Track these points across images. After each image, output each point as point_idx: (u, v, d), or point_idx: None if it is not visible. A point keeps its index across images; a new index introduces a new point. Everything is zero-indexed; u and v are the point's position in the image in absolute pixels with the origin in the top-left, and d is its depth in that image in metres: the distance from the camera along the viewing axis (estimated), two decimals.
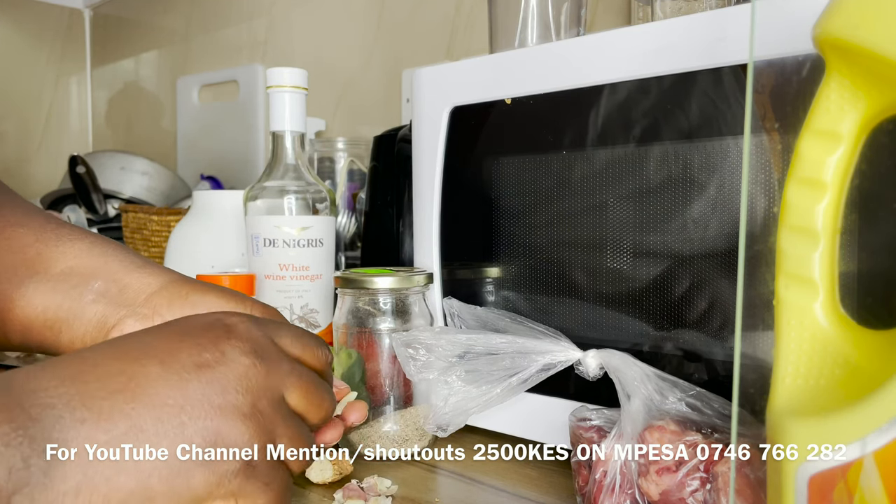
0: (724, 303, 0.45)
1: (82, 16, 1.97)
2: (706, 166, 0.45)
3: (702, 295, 0.46)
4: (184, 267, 0.77)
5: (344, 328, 0.58)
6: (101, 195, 1.20)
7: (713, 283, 0.45)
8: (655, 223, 0.48)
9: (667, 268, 0.48)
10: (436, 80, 0.60)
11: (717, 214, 0.45)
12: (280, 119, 0.68)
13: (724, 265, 0.45)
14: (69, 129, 1.96)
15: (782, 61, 0.32)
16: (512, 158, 0.56)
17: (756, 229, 0.32)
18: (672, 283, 0.47)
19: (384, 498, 0.48)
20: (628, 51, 0.48)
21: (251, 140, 1.44)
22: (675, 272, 0.47)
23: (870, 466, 0.27)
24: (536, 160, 0.55)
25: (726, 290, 0.45)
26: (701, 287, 0.46)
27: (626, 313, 0.51)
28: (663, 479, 0.39)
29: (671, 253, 0.47)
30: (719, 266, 0.45)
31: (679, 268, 0.47)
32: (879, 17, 0.27)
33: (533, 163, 0.55)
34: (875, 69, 0.28)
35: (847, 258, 0.32)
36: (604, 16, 0.96)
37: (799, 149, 0.31)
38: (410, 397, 0.58)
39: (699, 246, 0.46)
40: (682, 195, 0.47)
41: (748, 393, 0.33)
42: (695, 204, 0.46)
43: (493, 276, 0.58)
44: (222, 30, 1.57)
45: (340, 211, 0.98)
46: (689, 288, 0.47)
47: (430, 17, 1.15)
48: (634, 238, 0.49)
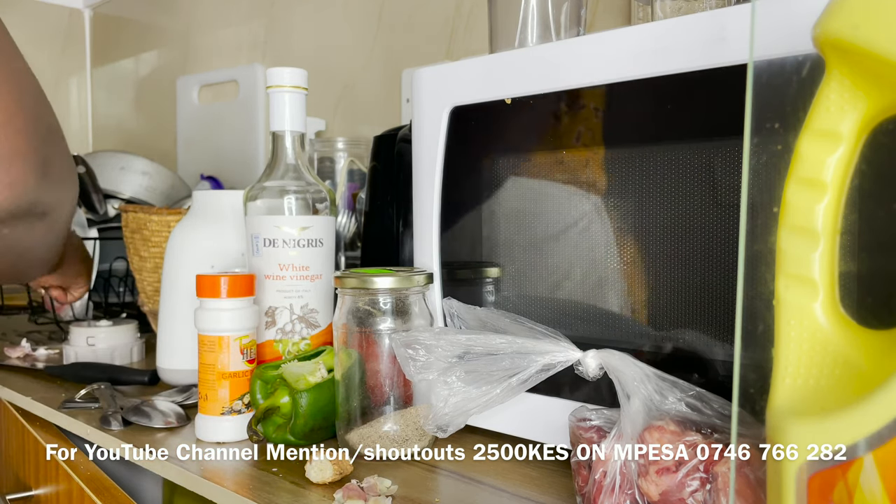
0: (724, 303, 0.45)
1: (82, 16, 1.97)
2: (706, 166, 0.45)
3: (702, 295, 0.46)
4: (184, 267, 0.77)
5: (344, 328, 0.58)
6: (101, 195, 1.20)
7: (713, 282, 0.45)
8: (655, 222, 0.48)
9: (667, 267, 0.48)
10: (436, 80, 0.60)
11: (717, 214, 0.45)
12: (280, 119, 0.68)
13: (724, 265, 0.45)
14: (69, 129, 1.96)
15: (782, 61, 0.32)
16: (512, 158, 0.56)
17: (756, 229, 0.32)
18: (672, 282, 0.47)
19: (384, 498, 0.48)
20: (628, 51, 0.48)
21: (251, 140, 1.44)
22: (675, 272, 0.47)
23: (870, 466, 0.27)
24: (536, 160, 0.55)
25: (726, 290, 0.45)
26: (701, 287, 0.46)
27: (626, 313, 0.51)
28: (663, 479, 0.39)
29: (671, 253, 0.47)
30: (719, 266, 0.45)
31: (679, 267, 0.47)
32: (879, 17, 0.27)
33: (533, 163, 0.55)
34: (875, 69, 0.28)
35: (847, 258, 0.32)
36: (604, 16, 0.96)
37: (799, 149, 0.31)
38: (410, 397, 0.58)
39: (699, 246, 0.46)
40: (682, 195, 0.47)
41: (748, 393, 0.33)
42: (695, 204, 0.46)
43: (493, 276, 0.58)
44: (222, 30, 1.57)
45: (340, 211, 0.98)
46: (689, 288, 0.47)
47: (430, 17, 1.15)
48: (634, 238, 0.49)
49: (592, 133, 0.51)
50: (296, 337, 0.67)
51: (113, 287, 1.19)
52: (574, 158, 0.52)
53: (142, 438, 0.62)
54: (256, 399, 0.59)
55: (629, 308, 0.50)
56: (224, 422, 0.61)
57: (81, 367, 0.84)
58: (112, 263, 1.20)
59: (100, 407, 0.71)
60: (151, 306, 0.94)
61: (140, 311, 1.05)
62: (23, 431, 0.79)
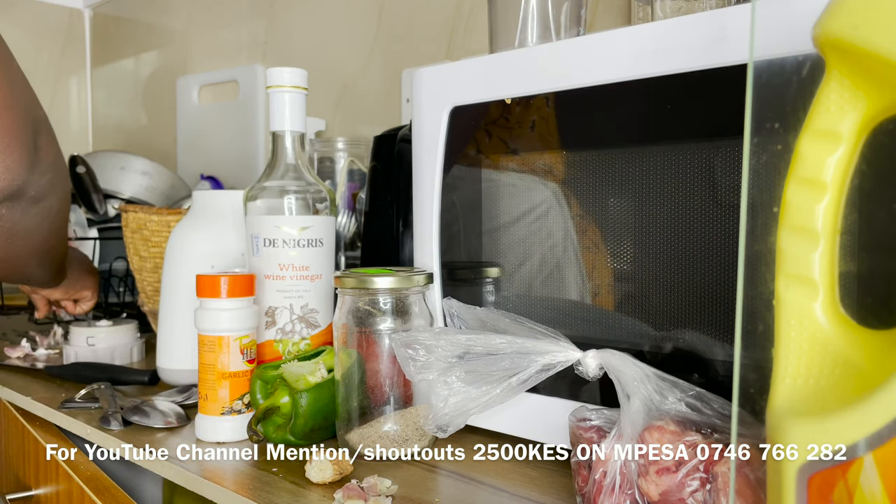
0: (724, 303, 0.45)
1: (82, 16, 1.97)
2: (706, 166, 0.45)
3: (702, 295, 0.46)
4: (184, 267, 0.77)
5: (344, 328, 0.58)
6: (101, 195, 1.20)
7: (713, 282, 0.45)
8: (655, 222, 0.48)
9: (666, 267, 0.48)
10: (436, 80, 0.60)
11: (716, 214, 0.45)
12: (280, 119, 0.68)
13: (724, 265, 0.45)
14: (69, 129, 1.96)
15: (782, 61, 0.32)
16: (512, 158, 0.56)
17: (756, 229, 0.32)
18: (672, 282, 0.47)
19: (384, 498, 0.48)
20: (628, 51, 0.48)
21: (251, 140, 1.44)
22: (674, 272, 0.47)
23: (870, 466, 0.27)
24: (536, 160, 0.55)
25: (726, 290, 0.45)
26: (701, 287, 0.46)
27: (626, 313, 0.51)
28: (663, 479, 0.39)
29: (671, 252, 0.47)
30: (719, 266, 0.45)
31: (679, 267, 0.47)
32: (879, 17, 0.27)
33: (532, 163, 0.55)
34: (875, 69, 0.28)
35: (847, 258, 0.32)
36: (604, 16, 0.96)
37: (799, 149, 0.31)
38: (410, 397, 0.58)
39: (699, 246, 0.46)
40: (681, 195, 0.47)
41: (748, 393, 0.33)
42: (694, 204, 0.46)
43: (493, 276, 0.58)
44: (222, 30, 1.57)
45: (340, 211, 0.98)
46: (689, 288, 0.47)
47: (430, 17, 1.15)
48: (634, 238, 0.49)
49: (592, 133, 0.51)
50: (296, 337, 0.67)
51: (113, 287, 1.19)
52: (574, 159, 0.52)
53: (142, 438, 0.62)
54: (256, 399, 0.59)
55: (629, 308, 0.50)
56: (224, 422, 0.61)
57: (81, 367, 0.84)
58: (112, 263, 1.20)
59: (100, 407, 0.71)
60: (151, 306, 0.94)
61: (140, 311, 1.05)
62: (23, 431, 0.79)
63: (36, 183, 0.67)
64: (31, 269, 0.81)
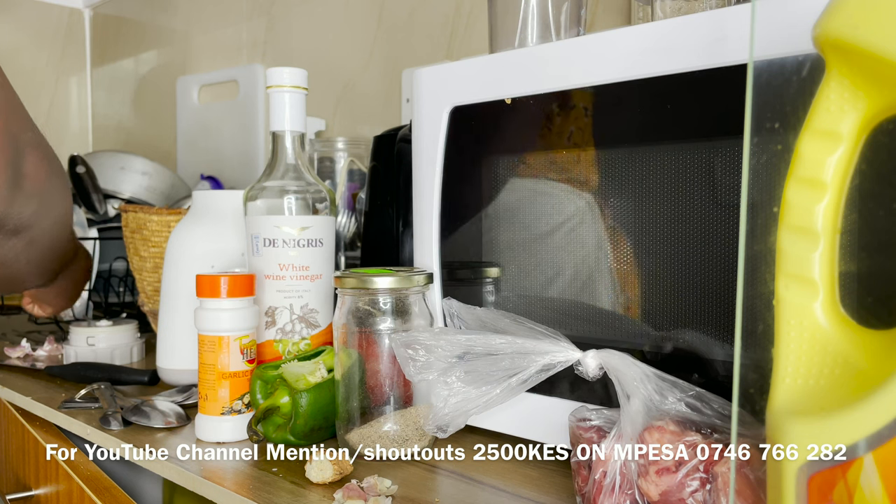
0: (724, 303, 0.45)
1: (82, 16, 1.97)
2: (706, 166, 0.45)
3: (702, 295, 0.46)
4: (184, 267, 0.77)
5: (344, 328, 0.58)
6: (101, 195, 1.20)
7: (713, 282, 0.45)
8: (655, 222, 0.48)
9: (666, 267, 0.48)
10: (436, 80, 0.60)
11: (716, 214, 0.45)
12: (280, 119, 0.68)
13: (724, 265, 0.45)
14: (69, 129, 1.96)
15: (782, 61, 0.32)
16: (512, 158, 0.56)
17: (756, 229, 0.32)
18: (672, 282, 0.47)
19: (384, 498, 0.48)
20: (628, 51, 0.48)
21: (251, 140, 1.44)
22: (675, 272, 0.47)
23: (870, 466, 0.27)
24: (536, 160, 0.55)
25: (726, 290, 0.45)
26: (701, 287, 0.46)
27: (626, 313, 0.51)
28: (663, 479, 0.39)
29: (671, 252, 0.47)
30: (719, 266, 0.45)
31: (679, 267, 0.47)
32: (879, 17, 0.27)
33: (533, 163, 0.55)
34: (875, 69, 0.28)
35: (847, 258, 0.32)
36: (604, 16, 0.96)
37: (799, 149, 0.31)
38: (410, 397, 0.58)
39: (699, 246, 0.46)
40: (681, 194, 0.47)
41: (748, 393, 0.33)
42: (695, 203, 0.46)
43: (493, 276, 0.58)
44: (222, 30, 1.57)
45: (340, 211, 0.98)
46: (689, 288, 0.47)
47: (429, 17, 1.15)
48: (634, 238, 0.49)
49: (592, 133, 0.51)
50: (296, 337, 0.67)
51: (113, 287, 1.19)
52: (574, 158, 0.52)
53: (142, 438, 0.62)
54: (256, 399, 0.59)
55: (629, 308, 0.50)
56: (224, 422, 0.61)
57: (81, 367, 0.84)
58: (112, 263, 1.20)
59: (100, 407, 0.71)
60: (151, 306, 0.94)
61: (140, 311, 1.05)
62: (23, 431, 0.79)
63: (16, 215, 0.62)
64: (18, 285, 0.79)
